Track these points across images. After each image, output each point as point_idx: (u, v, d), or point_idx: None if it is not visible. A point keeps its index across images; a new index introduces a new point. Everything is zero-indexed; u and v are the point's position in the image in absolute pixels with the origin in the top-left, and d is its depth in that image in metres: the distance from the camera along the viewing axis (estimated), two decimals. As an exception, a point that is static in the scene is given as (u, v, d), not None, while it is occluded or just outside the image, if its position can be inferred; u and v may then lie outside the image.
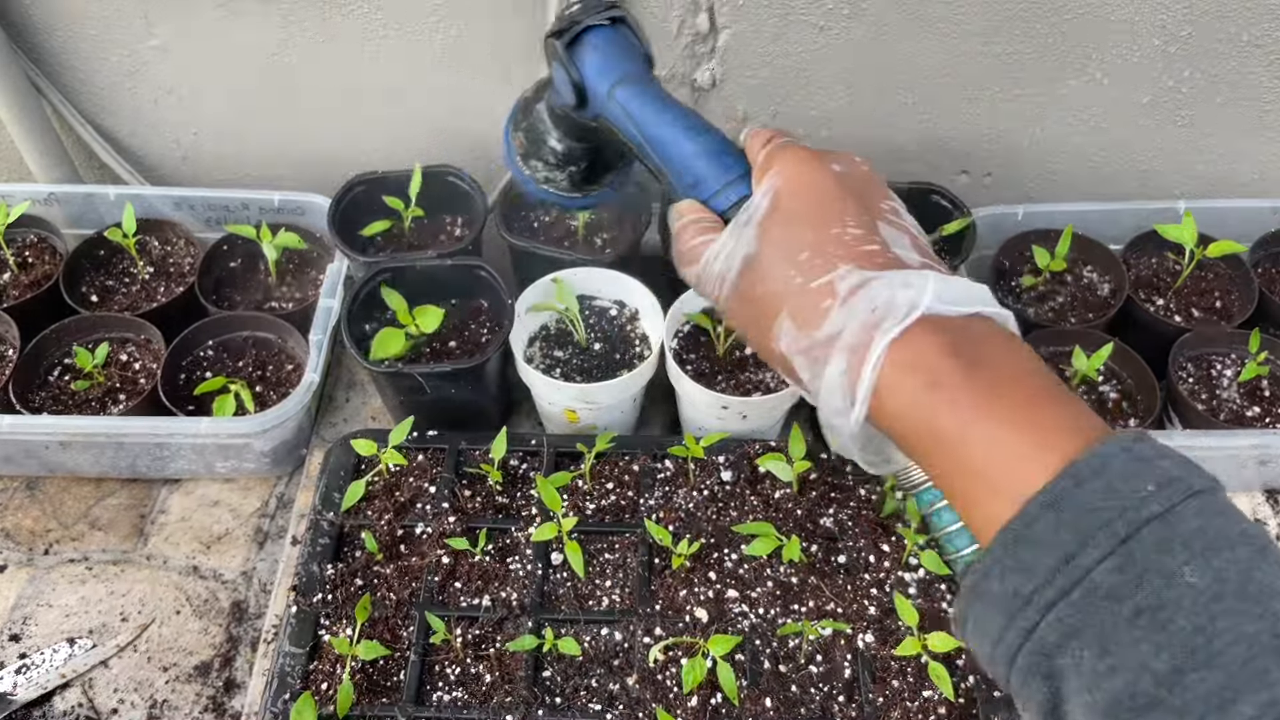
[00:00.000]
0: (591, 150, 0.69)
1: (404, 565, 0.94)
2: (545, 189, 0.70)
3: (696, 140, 0.58)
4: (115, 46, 1.15)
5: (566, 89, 0.62)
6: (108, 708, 0.93)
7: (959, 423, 0.41)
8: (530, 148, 0.70)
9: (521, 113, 0.71)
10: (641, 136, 0.59)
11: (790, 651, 0.88)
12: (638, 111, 0.59)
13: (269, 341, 1.13)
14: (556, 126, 0.68)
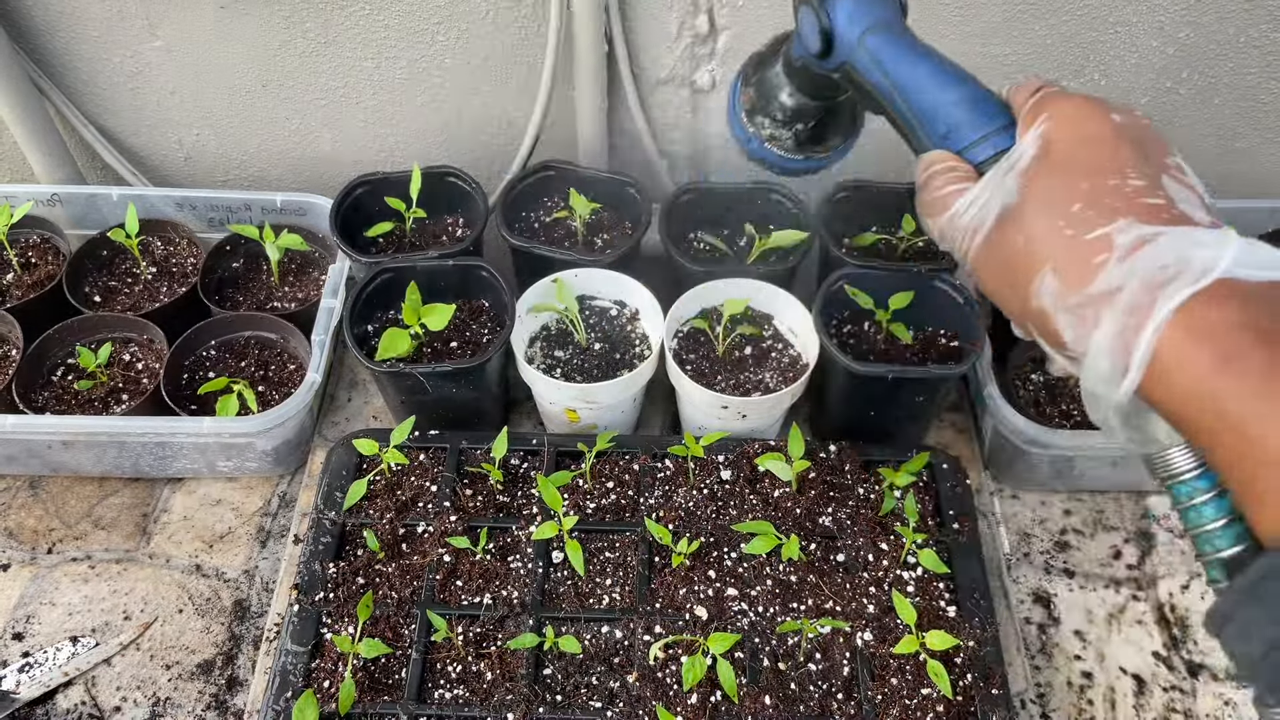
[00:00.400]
0: (822, 109, 0.67)
1: (405, 564, 0.94)
2: (768, 147, 0.69)
3: (955, 88, 0.55)
4: (118, 48, 1.16)
5: (814, 35, 0.60)
6: (110, 705, 0.93)
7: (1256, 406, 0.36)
8: (759, 103, 0.68)
9: (754, 67, 0.69)
10: (891, 84, 0.56)
11: (789, 649, 0.89)
12: (890, 57, 0.57)
13: (271, 341, 1.14)
14: (791, 80, 0.66)
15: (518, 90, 1.18)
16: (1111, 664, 0.96)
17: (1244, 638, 0.38)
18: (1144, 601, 1.01)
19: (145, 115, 1.23)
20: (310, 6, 1.10)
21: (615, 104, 1.18)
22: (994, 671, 0.87)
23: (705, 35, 1.10)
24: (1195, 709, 0.93)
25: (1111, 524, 1.07)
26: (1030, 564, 1.04)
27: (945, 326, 1.08)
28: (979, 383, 1.04)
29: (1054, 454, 1.01)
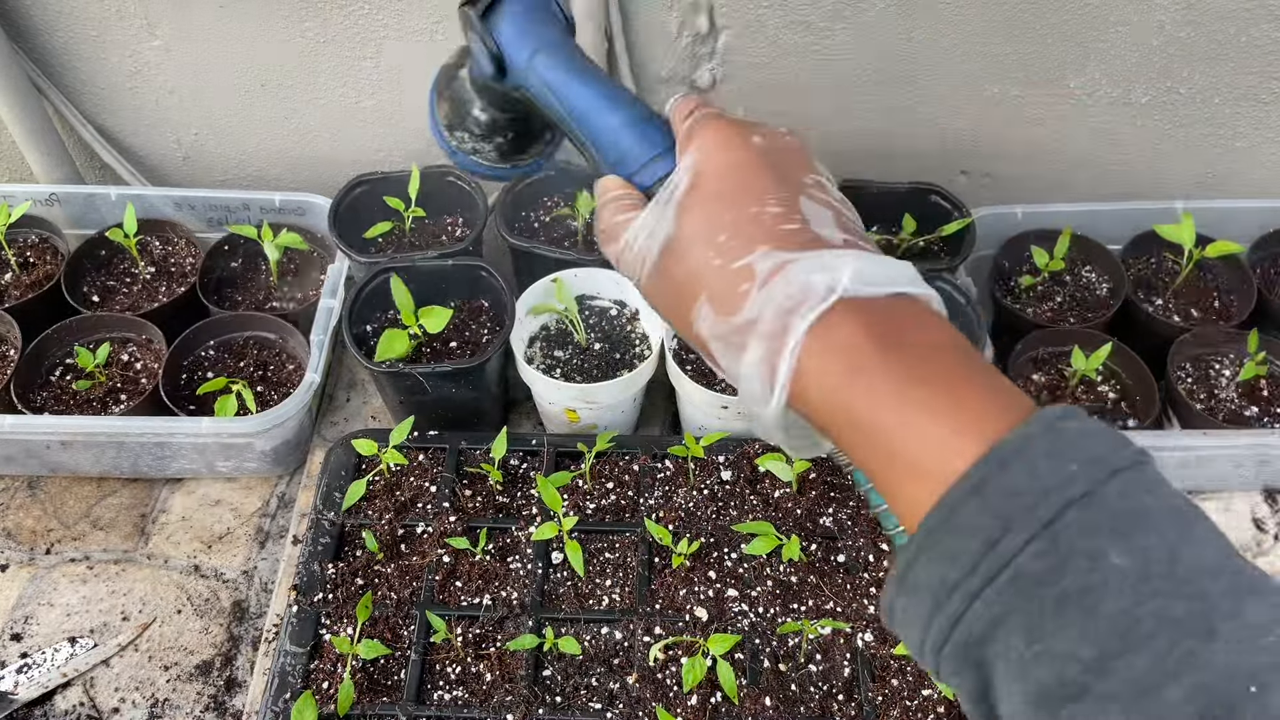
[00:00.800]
0: (518, 120, 0.65)
1: (405, 564, 0.94)
2: (473, 159, 0.67)
3: (619, 112, 0.55)
4: (116, 47, 1.15)
5: (484, 59, 0.59)
6: (109, 707, 0.93)
7: (877, 408, 0.40)
8: (455, 118, 0.67)
9: (444, 81, 0.68)
10: (563, 109, 0.56)
11: (790, 650, 0.88)
12: (557, 82, 0.57)
13: (270, 341, 1.13)
14: (480, 96, 0.65)
15: (517, 90, 1.18)
16: (1113, 665, 0.96)
17: (905, 625, 0.40)
18: (1145, 602, 1.01)
19: (144, 115, 1.23)
20: (310, 6, 1.09)
21: (615, 103, 1.17)
22: (995, 672, 0.86)
23: (705, 34, 1.10)
24: (1197, 710, 0.93)
25: (1112, 524, 1.06)
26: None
27: (946, 326, 1.08)
28: (980, 383, 1.04)
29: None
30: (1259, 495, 1.07)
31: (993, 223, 1.17)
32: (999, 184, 1.27)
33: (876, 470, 0.41)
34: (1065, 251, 1.13)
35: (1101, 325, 1.11)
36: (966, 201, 1.14)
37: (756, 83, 1.15)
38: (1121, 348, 1.07)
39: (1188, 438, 1.01)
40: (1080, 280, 1.18)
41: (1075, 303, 1.15)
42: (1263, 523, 1.06)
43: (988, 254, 1.18)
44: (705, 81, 1.15)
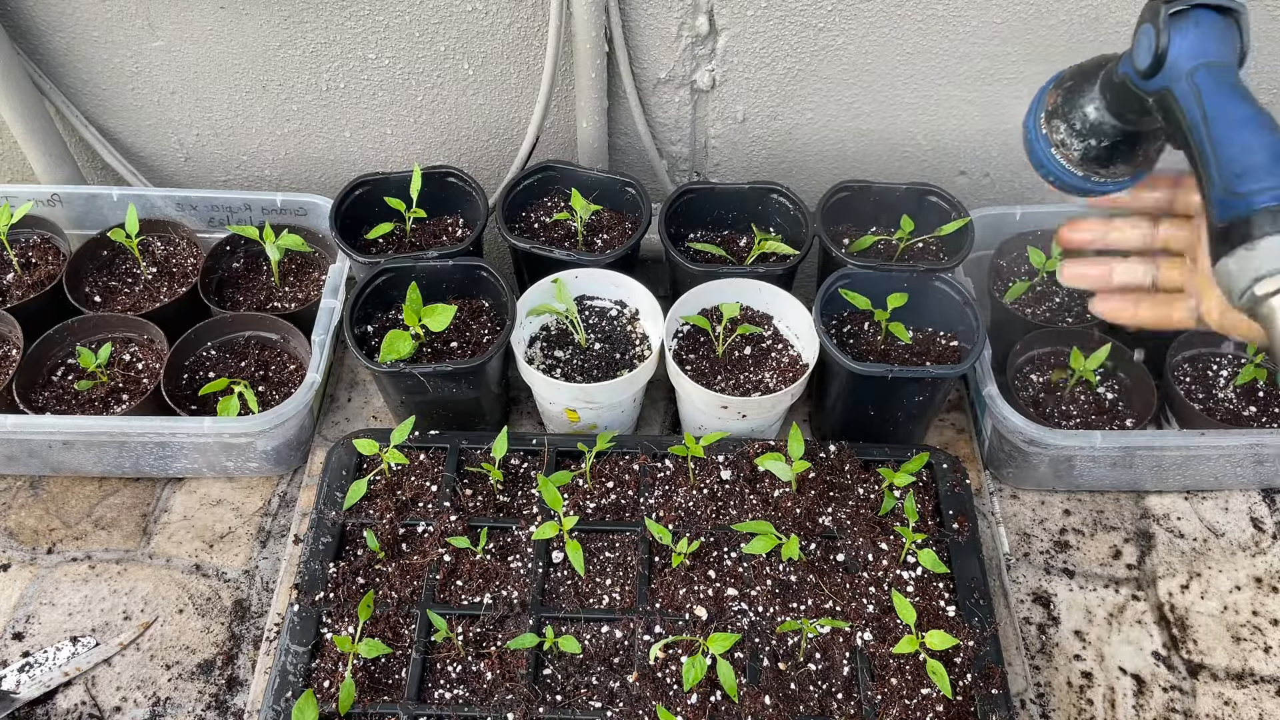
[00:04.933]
0: (1120, 131, 0.68)
1: (406, 564, 0.94)
2: (1053, 154, 0.69)
3: (1263, 134, 0.57)
4: (118, 48, 1.16)
5: (1147, 52, 0.62)
6: (110, 705, 0.93)
7: None
8: (1062, 107, 0.69)
9: (1071, 75, 0.70)
10: (1204, 118, 0.58)
11: (789, 649, 0.89)
12: (1211, 94, 0.59)
13: (271, 341, 1.14)
14: (1103, 94, 0.67)
15: (518, 90, 1.19)
16: (1111, 664, 0.96)
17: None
18: (1144, 601, 1.01)
19: (145, 115, 1.23)
20: (310, 7, 1.10)
21: (615, 104, 1.18)
22: (994, 671, 0.87)
23: (705, 36, 1.10)
24: (1195, 709, 0.93)
25: (1111, 524, 1.07)
26: (1030, 564, 1.04)
27: (945, 326, 1.08)
28: (979, 383, 1.04)
29: (1054, 454, 1.01)
30: (1257, 494, 1.08)
31: (991, 223, 1.17)
32: (998, 184, 1.27)
33: None
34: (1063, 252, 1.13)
35: (1100, 326, 1.11)
36: (965, 201, 1.14)
37: (756, 83, 1.15)
38: (1120, 349, 1.07)
39: (1186, 438, 1.01)
40: (1079, 280, 1.18)
41: (1074, 303, 1.16)
42: (1260, 522, 1.06)
43: (986, 254, 1.18)
44: (705, 83, 1.15)
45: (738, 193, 1.15)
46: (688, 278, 1.07)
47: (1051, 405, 1.08)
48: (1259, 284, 0.52)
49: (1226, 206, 0.54)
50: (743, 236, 1.19)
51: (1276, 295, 0.51)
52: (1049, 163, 0.70)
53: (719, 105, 1.18)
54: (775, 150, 1.23)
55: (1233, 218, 0.54)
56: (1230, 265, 0.53)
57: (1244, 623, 0.99)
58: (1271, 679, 0.95)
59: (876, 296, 1.05)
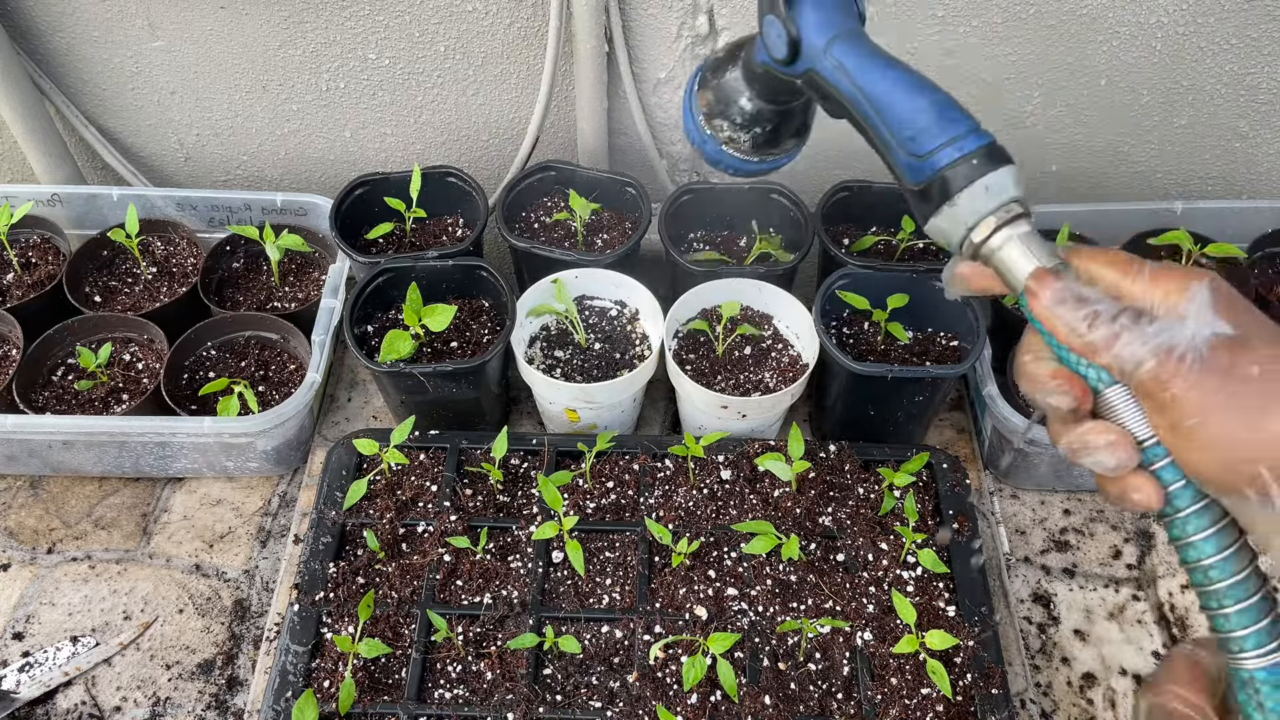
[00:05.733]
0: (779, 113, 0.70)
1: (406, 563, 0.94)
2: (725, 149, 0.71)
3: (921, 95, 0.58)
4: (118, 48, 1.16)
5: (780, 43, 0.62)
6: (110, 705, 0.93)
7: None
8: (717, 107, 0.70)
9: (710, 72, 0.71)
10: (857, 91, 0.59)
11: (789, 649, 0.89)
12: (856, 66, 0.59)
13: (271, 341, 1.14)
14: (750, 85, 0.69)
15: (518, 90, 1.19)
16: (1112, 664, 0.96)
17: None
18: (1144, 601, 1.01)
19: (145, 115, 1.24)
20: (310, 7, 1.10)
21: (615, 104, 1.18)
22: (994, 671, 0.87)
23: (705, 36, 1.10)
24: (1195, 709, 0.93)
25: (1111, 523, 1.07)
26: (1030, 564, 1.04)
27: (945, 326, 1.08)
28: (979, 383, 1.04)
29: (1054, 454, 1.01)
30: (1257, 495, 1.07)
31: (992, 223, 1.17)
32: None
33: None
34: (1063, 252, 1.13)
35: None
36: (965, 202, 1.14)
37: (756, 83, 1.15)
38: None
39: (1186, 437, 1.01)
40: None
41: (1074, 303, 1.15)
42: (1261, 522, 1.06)
43: (987, 254, 1.18)
44: (705, 82, 1.15)
45: (738, 193, 1.15)
46: (688, 277, 1.07)
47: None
48: (973, 233, 0.54)
49: (915, 170, 0.56)
50: (743, 237, 1.19)
51: (990, 238, 0.54)
52: (725, 158, 0.72)
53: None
54: (775, 150, 1.22)
55: (925, 180, 0.56)
56: (940, 224, 0.55)
57: (1244, 623, 0.99)
58: (1272, 679, 0.95)
59: (876, 296, 1.05)
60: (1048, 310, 0.52)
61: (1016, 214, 0.54)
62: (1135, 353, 0.49)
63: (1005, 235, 0.54)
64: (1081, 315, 0.51)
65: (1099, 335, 0.50)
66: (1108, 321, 0.50)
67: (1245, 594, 0.49)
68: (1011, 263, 0.54)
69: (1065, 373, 0.52)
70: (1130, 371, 0.49)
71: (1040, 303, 0.52)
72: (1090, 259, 0.53)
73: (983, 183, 0.54)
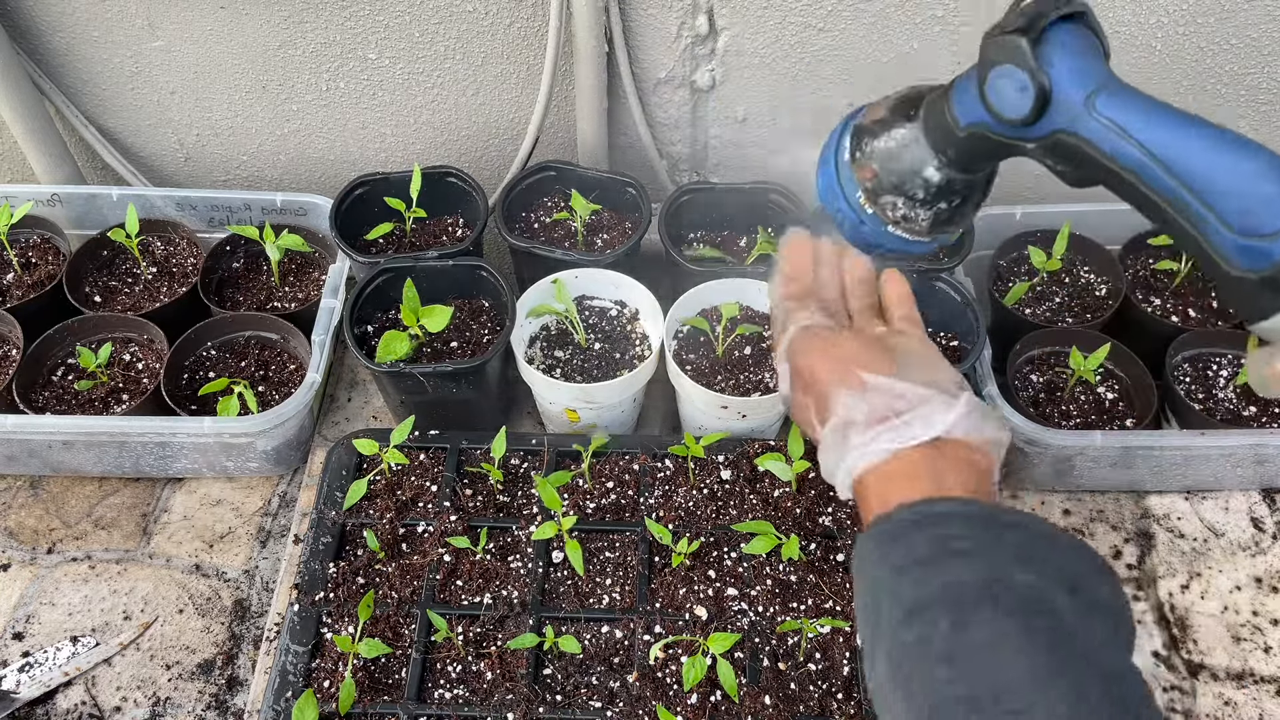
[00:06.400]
0: (969, 184, 0.58)
1: (406, 564, 0.94)
2: (892, 231, 0.59)
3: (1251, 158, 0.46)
4: (118, 48, 1.16)
5: (1023, 99, 0.51)
6: (110, 705, 0.93)
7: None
8: (887, 180, 0.58)
9: (867, 138, 0.60)
10: (1145, 155, 0.48)
11: (789, 649, 0.89)
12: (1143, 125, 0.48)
13: (271, 341, 1.14)
14: (941, 152, 0.57)
15: (518, 90, 1.19)
16: (1111, 664, 0.96)
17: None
18: (1144, 601, 1.01)
19: (145, 115, 1.24)
20: (310, 7, 1.10)
21: (615, 104, 1.18)
22: (994, 671, 0.87)
23: (705, 35, 1.10)
24: (1195, 709, 0.93)
25: (1111, 524, 1.07)
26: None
27: (945, 326, 1.08)
28: (979, 383, 1.04)
29: (1054, 454, 1.01)
30: (1257, 494, 1.08)
31: (991, 223, 1.17)
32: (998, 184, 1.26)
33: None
34: (1063, 251, 1.13)
35: (1100, 325, 1.11)
36: (966, 202, 1.14)
37: (756, 83, 1.15)
38: (1120, 348, 1.07)
39: (1186, 438, 1.01)
40: (1078, 280, 1.18)
41: (1074, 303, 1.16)
42: (1261, 522, 1.06)
43: (986, 254, 1.18)
44: (705, 83, 1.15)
45: (738, 193, 1.15)
46: (688, 277, 1.07)
47: (1051, 405, 1.08)
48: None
49: (1252, 254, 0.45)
50: (743, 236, 1.19)
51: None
52: (890, 241, 0.60)
53: (719, 105, 1.18)
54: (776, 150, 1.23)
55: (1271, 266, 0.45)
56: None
57: (1244, 623, 0.99)
58: (1271, 679, 0.95)
59: (877, 296, 1.05)
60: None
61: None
62: None
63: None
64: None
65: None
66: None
67: None
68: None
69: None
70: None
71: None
72: None
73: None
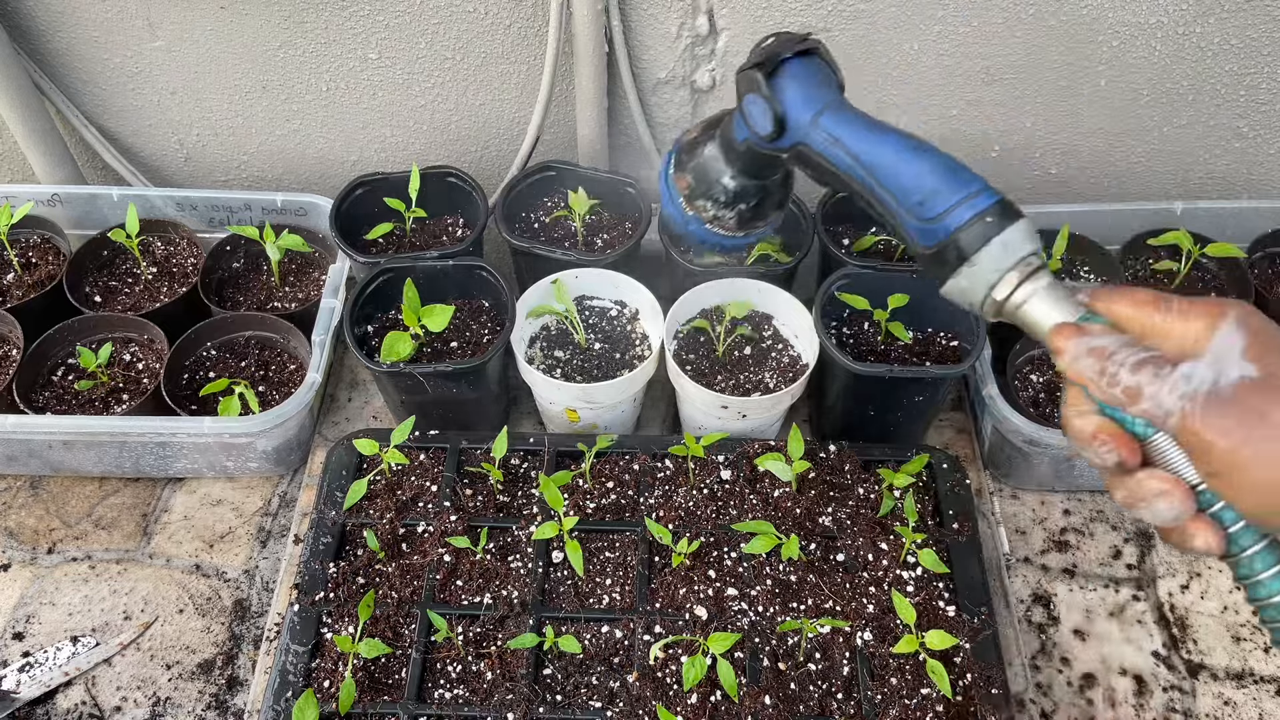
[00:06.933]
0: (762, 188, 0.70)
1: (406, 564, 0.94)
2: (710, 229, 0.72)
3: (924, 159, 0.58)
4: (118, 48, 1.16)
5: (765, 119, 0.63)
6: (110, 705, 0.93)
7: None
8: (699, 187, 0.71)
9: (685, 153, 0.72)
10: (854, 161, 0.60)
11: (789, 649, 0.89)
12: (851, 136, 0.60)
13: (271, 341, 1.14)
14: (732, 164, 0.69)
15: (518, 90, 1.19)
16: (1112, 664, 0.96)
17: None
18: (1144, 601, 1.01)
19: (145, 115, 1.24)
20: (310, 7, 1.10)
21: (615, 104, 1.18)
22: (994, 671, 0.87)
23: (705, 35, 1.10)
24: (1195, 709, 0.93)
25: (1111, 524, 1.07)
26: (1030, 564, 1.04)
27: (945, 326, 1.08)
28: (979, 383, 1.04)
29: (1054, 454, 1.01)
30: None
31: (992, 223, 1.17)
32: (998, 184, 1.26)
33: None
34: (1063, 251, 1.13)
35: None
36: (965, 202, 1.14)
37: (756, 83, 1.15)
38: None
39: (1186, 437, 1.01)
40: (1078, 280, 1.18)
41: (1074, 303, 1.15)
42: (1261, 522, 1.06)
43: (987, 254, 1.18)
44: (705, 83, 1.15)
45: (738, 193, 1.15)
46: (688, 277, 1.07)
47: (1051, 405, 1.08)
48: (995, 290, 0.54)
49: (927, 234, 0.56)
50: (743, 236, 1.18)
51: (1013, 294, 0.53)
52: (711, 238, 0.72)
53: (719, 105, 1.18)
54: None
55: (939, 243, 0.56)
56: (961, 284, 0.55)
57: (1244, 623, 0.99)
58: (1271, 679, 0.95)
59: (876, 296, 1.05)
60: (1073, 366, 0.51)
61: (1035, 267, 0.54)
62: (1162, 403, 0.48)
63: (1028, 290, 0.53)
64: (1105, 368, 0.50)
65: (1125, 387, 0.49)
66: (1131, 372, 0.49)
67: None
68: (1037, 317, 0.53)
69: (1109, 429, 0.50)
70: (1162, 420, 0.48)
71: (1065, 359, 0.51)
72: (1115, 302, 0.52)
73: (1000, 240, 0.54)
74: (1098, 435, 0.50)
